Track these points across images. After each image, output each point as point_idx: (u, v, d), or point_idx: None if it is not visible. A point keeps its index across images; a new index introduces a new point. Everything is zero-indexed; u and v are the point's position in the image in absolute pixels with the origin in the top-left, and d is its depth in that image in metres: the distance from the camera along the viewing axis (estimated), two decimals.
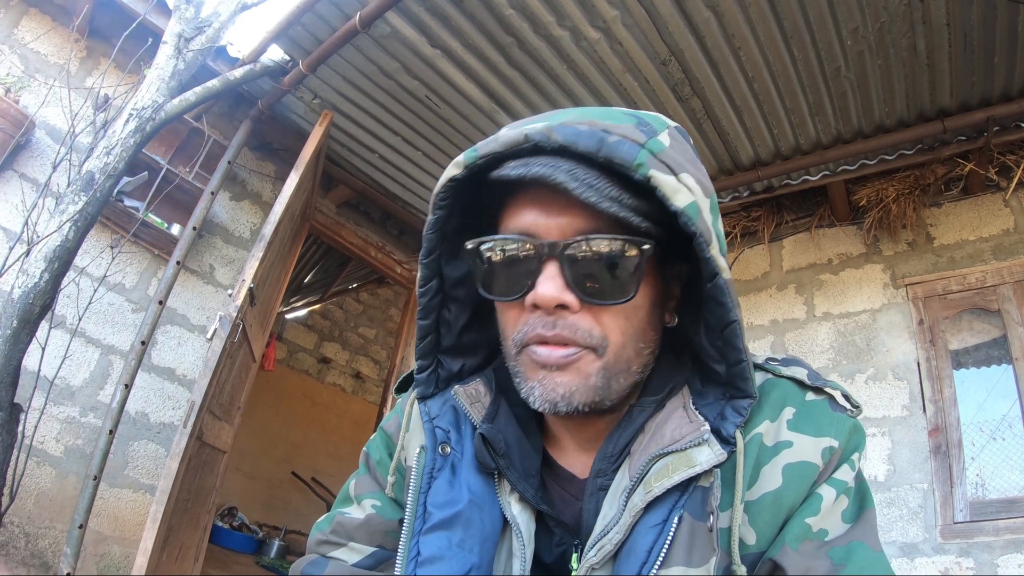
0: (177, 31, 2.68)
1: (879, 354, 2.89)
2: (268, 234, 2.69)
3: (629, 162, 0.54)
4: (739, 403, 0.59)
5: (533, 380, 0.60)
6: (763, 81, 2.64)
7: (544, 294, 0.57)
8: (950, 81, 2.52)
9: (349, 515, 0.74)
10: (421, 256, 0.67)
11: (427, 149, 3.33)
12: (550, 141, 0.56)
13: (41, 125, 2.88)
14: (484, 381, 0.72)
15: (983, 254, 2.77)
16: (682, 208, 0.54)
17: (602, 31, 2.52)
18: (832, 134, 2.86)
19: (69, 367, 2.71)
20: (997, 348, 2.69)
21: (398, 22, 2.61)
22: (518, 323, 0.61)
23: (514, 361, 0.63)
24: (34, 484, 2.58)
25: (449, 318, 0.71)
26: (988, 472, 2.59)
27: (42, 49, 2.98)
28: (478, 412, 0.69)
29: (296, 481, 5.52)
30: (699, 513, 0.55)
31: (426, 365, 0.72)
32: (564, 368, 0.58)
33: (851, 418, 0.60)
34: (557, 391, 0.59)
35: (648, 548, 0.55)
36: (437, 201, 0.62)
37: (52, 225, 2.30)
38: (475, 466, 0.66)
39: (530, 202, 0.60)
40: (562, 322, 0.58)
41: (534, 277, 0.58)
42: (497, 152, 0.58)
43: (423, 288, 0.68)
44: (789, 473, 0.57)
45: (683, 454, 0.57)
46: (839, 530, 0.56)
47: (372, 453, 0.78)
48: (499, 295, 0.62)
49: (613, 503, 0.60)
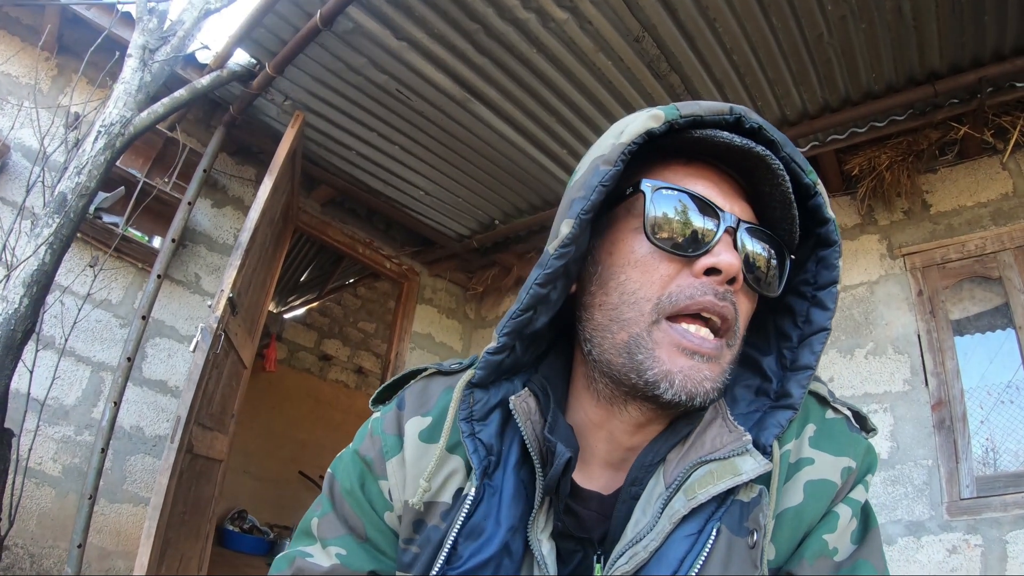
0: (141, 43, 2.63)
1: (878, 328, 2.81)
2: (245, 241, 2.66)
3: (805, 165, 0.60)
4: (780, 414, 0.59)
5: (672, 365, 0.55)
6: (743, 53, 2.54)
7: (732, 262, 0.55)
8: (939, 42, 2.40)
9: (312, 560, 0.65)
10: (581, 210, 0.57)
11: (403, 143, 3.27)
12: (751, 119, 0.58)
13: (16, 147, 2.86)
14: (534, 390, 0.63)
15: (982, 220, 2.66)
16: (832, 218, 0.60)
17: (569, 10, 2.43)
18: (819, 103, 2.75)
19: (61, 386, 2.73)
20: (999, 316, 2.60)
21: (360, 16, 2.53)
22: (670, 284, 0.57)
23: (644, 332, 0.56)
24: (35, 505, 2.61)
25: (553, 296, 0.61)
26: (999, 436, 2.52)
27: (12, 71, 2.95)
28: (531, 431, 0.61)
29: (304, 480, 5.59)
30: (737, 528, 0.53)
31: (508, 346, 0.62)
32: (712, 359, 0.56)
33: (865, 440, 0.61)
34: (704, 384, 0.55)
35: (680, 557, 0.53)
36: (625, 152, 0.57)
37: (28, 249, 2.29)
38: (515, 496, 0.59)
39: (702, 175, 0.60)
40: (731, 296, 0.57)
41: (709, 243, 0.56)
42: (699, 115, 0.58)
43: (566, 248, 0.57)
44: (811, 490, 0.57)
45: (727, 462, 0.55)
46: (847, 551, 0.56)
47: (341, 480, 0.67)
48: (673, 248, 0.57)
49: (647, 510, 0.57)
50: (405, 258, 4.23)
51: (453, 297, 4.52)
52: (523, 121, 3.03)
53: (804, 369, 0.59)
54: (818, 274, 0.62)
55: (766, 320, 0.65)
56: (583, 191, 0.58)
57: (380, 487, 0.65)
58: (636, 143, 0.57)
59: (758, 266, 0.59)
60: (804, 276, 0.63)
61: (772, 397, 0.61)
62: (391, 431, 0.66)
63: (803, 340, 0.61)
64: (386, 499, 0.65)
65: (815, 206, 0.60)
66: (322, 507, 0.68)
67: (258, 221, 2.72)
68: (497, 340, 0.61)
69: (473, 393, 0.63)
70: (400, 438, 0.65)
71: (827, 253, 0.61)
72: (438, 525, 0.60)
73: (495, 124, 3.05)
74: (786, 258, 0.61)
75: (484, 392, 0.63)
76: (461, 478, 0.61)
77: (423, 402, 0.67)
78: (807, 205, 0.61)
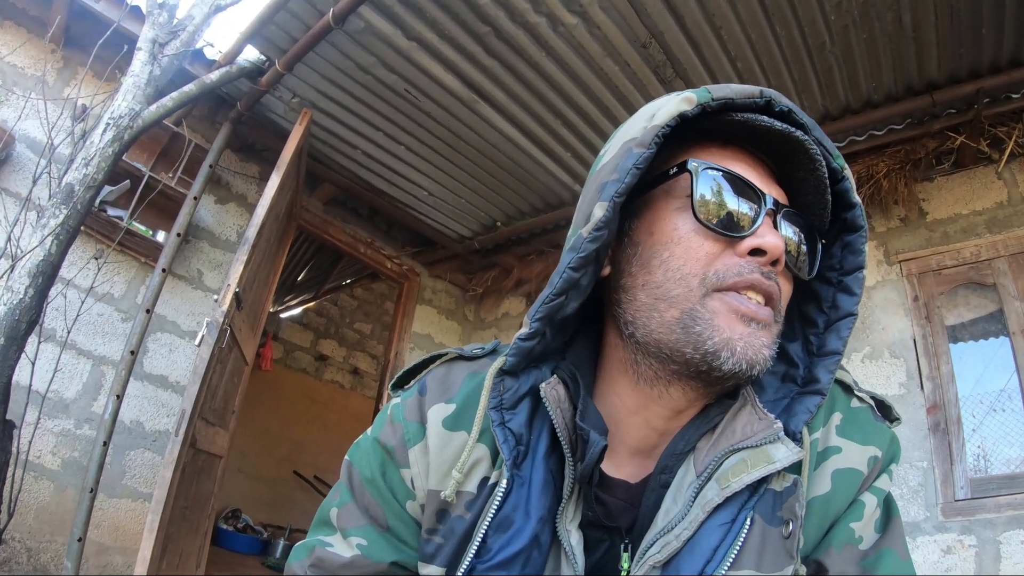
0: (151, 37, 2.65)
1: (875, 332, 2.86)
2: (252, 237, 2.67)
3: (832, 150, 0.60)
4: (808, 400, 0.59)
5: (733, 332, 0.54)
6: (746, 60, 2.59)
7: (777, 244, 0.56)
8: (938, 53, 2.46)
9: (332, 550, 0.64)
10: (615, 193, 0.56)
11: (409, 143, 3.29)
12: (781, 103, 0.58)
13: (21, 139, 2.86)
14: (563, 377, 0.62)
15: (977, 228, 2.72)
16: (858, 203, 0.61)
17: (579, 15, 2.47)
18: (819, 111, 2.81)
19: (61, 380, 2.71)
20: (994, 322, 2.65)
21: (372, 16, 2.56)
22: (715, 262, 0.57)
23: (699, 304, 0.56)
24: (33, 499, 2.59)
25: (584, 281, 0.60)
26: (991, 444, 2.57)
27: (18, 62, 2.95)
28: (560, 418, 0.60)
29: (299, 480, 5.56)
30: (770, 517, 0.53)
31: (540, 331, 0.61)
32: (766, 328, 0.56)
33: (890, 429, 0.61)
34: (763, 351, 0.55)
35: (714, 547, 0.52)
36: (658, 135, 0.57)
37: (34, 240, 2.28)
38: (544, 487, 0.58)
39: (739, 159, 0.61)
40: (775, 276, 0.57)
41: (752, 224, 0.57)
42: (730, 99, 0.57)
43: (599, 231, 0.57)
44: (838, 479, 0.57)
45: (759, 450, 0.55)
46: (871, 539, 0.57)
47: (361, 469, 0.66)
48: (719, 226, 0.57)
49: (677, 498, 0.56)
50: (406, 258, 4.24)
51: (453, 298, 4.54)
52: (528, 124, 3.06)
53: (832, 355, 0.60)
54: (844, 259, 0.62)
55: (790, 307, 0.64)
56: (616, 174, 0.57)
57: (402, 475, 0.64)
58: (669, 126, 0.57)
59: (794, 250, 0.59)
60: (830, 262, 0.63)
61: (799, 383, 0.61)
62: (413, 418, 0.64)
63: (829, 326, 0.62)
64: (408, 488, 0.63)
65: (843, 190, 0.61)
66: (340, 496, 0.67)
67: (265, 217, 2.73)
68: (529, 326, 0.60)
69: (504, 381, 0.61)
70: (423, 425, 0.63)
71: (853, 238, 0.61)
72: (463, 515, 0.58)
73: (501, 126, 3.09)
74: (818, 243, 0.61)
75: (514, 380, 0.61)
76: (486, 467, 0.60)
77: (446, 388, 0.64)
78: (834, 189, 0.61)
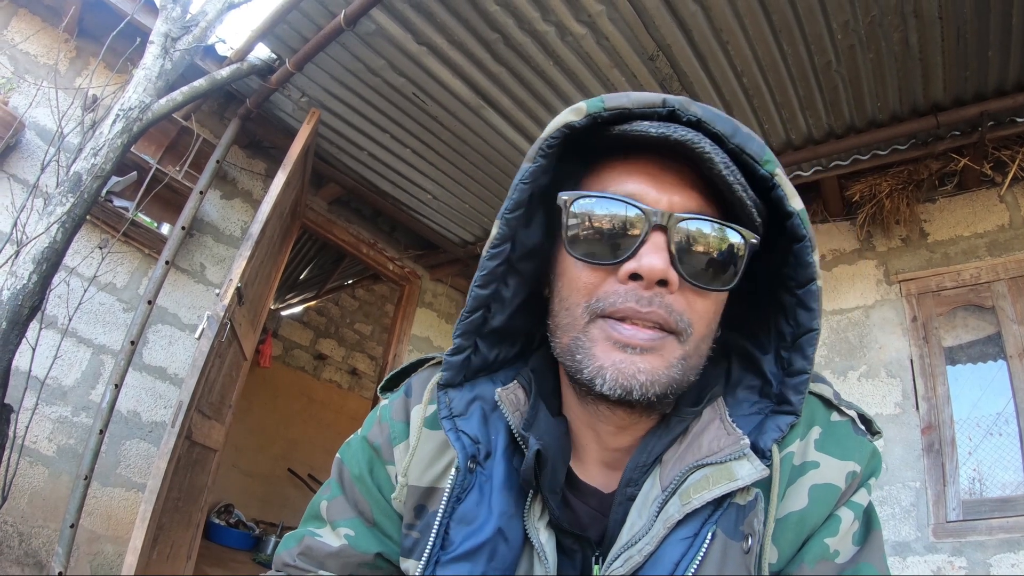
0: (164, 31, 2.67)
1: (872, 351, 2.86)
2: (256, 233, 2.69)
3: (759, 155, 0.55)
4: (781, 419, 0.58)
5: (606, 360, 0.54)
6: (752, 76, 2.61)
7: (653, 266, 0.53)
8: (943, 75, 2.48)
9: (321, 540, 0.67)
10: (505, 210, 0.58)
11: (415, 146, 3.31)
12: (688, 112, 0.55)
13: (31, 126, 2.88)
14: (523, 383, 0.64)
15: (978, 250, 2.73)
16: (797, 211, 0.55)
17: (588, 26, 2.50)
18: (824, 129, 2.82)
19: (60, 367, 2.72)
20: (991, 345, 2.66)
21: (383, 19, 2.59)
22: (598, 290, 0.56)
23: (581, 333, 0.56)
24: (27, 484, 2.60)
25: (506, 294, 0.63)
26: (986, 467, 2.57)
27: (32, 50, 2.98)
28: (517, 421, 0.61)
29: (293, 478, 5.56)
30: (732, 531, 0.53)
31: (465, 347, 0.63)
32: (648, 352, 0.54)
33: (871, 443, 0.60)
34: (638, 377, 0.53)
35: (676, 561, 0.52)
36: (543, 148, 0.57)
37: (40, 227, 2.30)
38: (507, 483, 0.59)
39: (638, 169, 0.57)
40: (659, 300, 0.54)
41: (636, 246, 0.54)
42: (625, 108, 0.55)
43: (496, 250, 0.59)
44: (815, 494, 0.56)
45: (723, 467, 0.55)
46: (849, 553, 0.56)
47: (350, 467, 0.69)
48: (590, 257, 0.56)
49: (642, 513, 0.56)
50: (408, 261, 4.26)
51: (453, 302, 4.55)
52: (534, 131, 3.08)
53: (799, 374, 0.58)
54: (796, 271, 0.58)
55: (767, 314, 0.63)
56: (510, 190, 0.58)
57: (388, 472, 0.67)
58: (555, 138, 0.56)
59: (696, 260, 0.55)
60: (788, 271, 0.59)
61: (774, 400, 0.61)
62: (398, 418, 0.68)
63: (795, 340, 0.60)
64: (392, 483, 0.66)
65: (776, 198, 0.56)
66: (331, 491, 0.70)
67: (269, 213, 2.75)
68: (453, 341, 0.63)
69: (447, 392, 0.63)
70: (407, 424, 0.67)
71: (798, 248, 0.57)
72: (436, 511, 0.60)
73: (506, 132, 3.11)
74: (741, 247, 0.56)
75: (459, 390, 0.64)
76: None
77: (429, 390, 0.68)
78: (770, 197, 0.57)
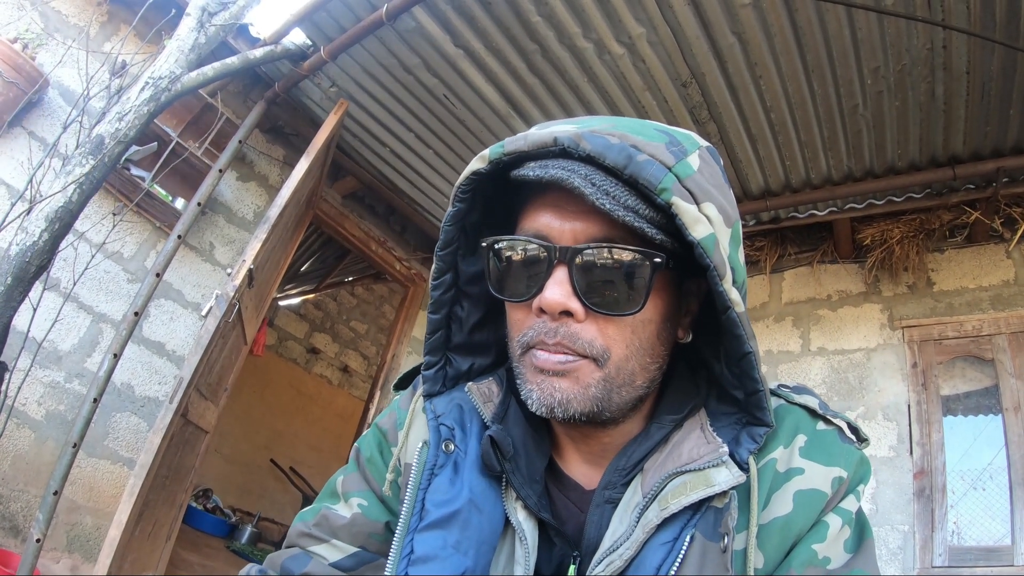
0: (201, 4, 2.67)
1: (871, 393, 2.90)
2: (273, 216, 2.67)
3: (654, 185, 0.54)
4: (755, 430, 0.59)
5: (532, 383, 0.60)
6: (780, 112, 2.66)
7: (550, 300, 0.56)
8: (964, 128, 2.55)
9: (335, 511, 0.72)
10: (437, 248, 0.66)
11: (439, 148, 3.32)
12: (579, 148, 0.55)
13: (55, 85, 2.86)
14: (496, 380, 0.71)
15: (981, 303, 2.79)
16: (698, 240, 0.53)
17: (627, 47, 2.54)
18: (843, 170, 2.88)
19: (59, 331, 2.67)
20: (988, 397, 2.70)
21: (424, 18, 2.61)
22: (524, 326, 0.61)
23: (518, 363, 0.62)
24: (12, 446, 2.53)
25: (461, 315, 0.70)
26: (965, 521, 2.59)
27: (63, 9, 2.96)
28: (489, 411, 0.68)
29: (274, 469, 5.47)
30: (711, 534, 0.55)
31: (435, 361, 0.71)
32: (563, 374, 0.58)
33: (858, 450, 0.61)
34: (555, 396, 0.58)
35: (657, 565, 0.54)
36: (458, 193, 0.62)
37: (56, 185, 2.27)
38: (479, 467, 0.64)
39: (548, 205, 0.60)
40: (564, 330, 0.57)
41: (543, 281, 0.57)
42: (523, 151, 0.58)
43: (436, 281, 0.67)
44: (800, 500, 0.57)
45: (701, 473, 0.57)
46: (841, 559, 0.56)
47: (363, 450, 0.75)
48: (508, 296, 0.62)
49: (624, 518, 0.59)
50: (415, 263, 4.25)
51: None
52: None
53: (754, 393, 0.59)
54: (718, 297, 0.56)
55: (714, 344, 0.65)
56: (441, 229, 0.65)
57: (393, 453, 0.73)
58: (466, 185, 0.61)
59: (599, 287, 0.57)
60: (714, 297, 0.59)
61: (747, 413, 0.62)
62: (405, 407, 0.75)
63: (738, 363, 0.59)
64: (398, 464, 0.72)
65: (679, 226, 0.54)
66: (347, 469, 0.77)
67: (289, 199, 2.74)
68: (424, 358, 0.71)
69: (431, 401, 0.69)
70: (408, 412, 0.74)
71: (709, 276, 0.55)
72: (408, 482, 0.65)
73: None
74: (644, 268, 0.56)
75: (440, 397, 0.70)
76: None
77: None
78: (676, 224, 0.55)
